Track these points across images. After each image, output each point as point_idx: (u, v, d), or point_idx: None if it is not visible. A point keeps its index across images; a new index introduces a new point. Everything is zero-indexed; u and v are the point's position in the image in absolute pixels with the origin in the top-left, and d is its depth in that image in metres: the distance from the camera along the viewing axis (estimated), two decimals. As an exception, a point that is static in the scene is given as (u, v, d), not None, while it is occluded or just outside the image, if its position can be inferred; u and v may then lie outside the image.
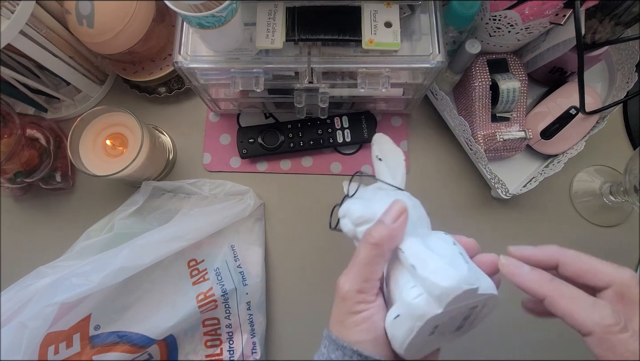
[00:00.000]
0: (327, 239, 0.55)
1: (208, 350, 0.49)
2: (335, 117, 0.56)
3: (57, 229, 0.56)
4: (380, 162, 0.37)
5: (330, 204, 0.59)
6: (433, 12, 0.43)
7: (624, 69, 0.56)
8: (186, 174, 0.58)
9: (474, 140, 0.52)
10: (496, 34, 0.48)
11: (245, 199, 0.53)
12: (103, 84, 0.60)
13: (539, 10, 0.43)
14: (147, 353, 0.45)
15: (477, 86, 0.52)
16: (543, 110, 0.55)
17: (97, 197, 0.57)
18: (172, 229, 0.47)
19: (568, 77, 0.56)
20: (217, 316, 0.49)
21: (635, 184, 0.47)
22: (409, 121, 0.59)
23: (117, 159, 0.49)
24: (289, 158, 0.58)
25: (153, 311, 0.46)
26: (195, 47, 0.43)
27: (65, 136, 0.56)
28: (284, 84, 0.48)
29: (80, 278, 0.41)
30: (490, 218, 0.56)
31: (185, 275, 0.49)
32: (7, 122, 0.49)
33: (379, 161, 0.37)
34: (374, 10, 0.43)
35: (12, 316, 0.40)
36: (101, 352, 0.43)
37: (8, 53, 0.50)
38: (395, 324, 0.27)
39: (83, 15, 0.47)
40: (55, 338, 0.41)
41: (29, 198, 0.57)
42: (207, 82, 0.48)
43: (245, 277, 0.50)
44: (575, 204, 0.56)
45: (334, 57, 0.43)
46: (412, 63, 0.43)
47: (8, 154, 0.48)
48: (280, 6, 0.43)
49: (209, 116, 0.59)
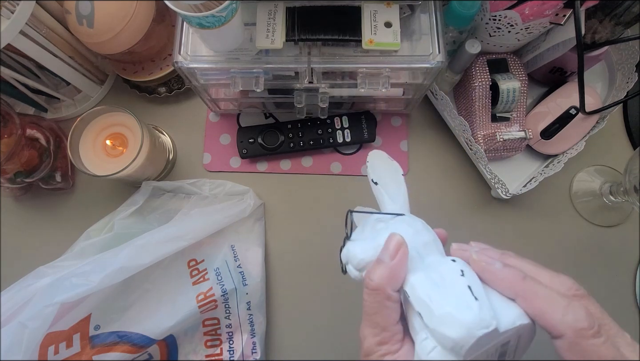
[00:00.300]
0: (327, 239, 0.55)
1: (208, 350, 0.49)
2: (335, 117, 0.56)
3: (57, 229, 0.56)
4: (376, 186, 0.33)
5: (331, 204, 0.59)
6: (433, 12, 0.43)
7: (624, 69, 0.56)
8: (186, 174, 0.58)
9: (474, 140, 0.52)
10: (496, 34, 0.48)
11: (245, 199, 0.53)
12: (103, 84, 0.60)
13: (539, 10, 0.43)
14: (147, 353, 0.45)
15: (477, 86, 0.52)
16: (543, 110, 0.55)
17: (97, 197, 0.57)
18: (172, 229, 0.47)
19: (568, 77, 0.56)
20: (217, 316, 0.49)
21: (635, 184, 0.47)
22: (409, 121, 0.59)
23: (117, 159, 0.49)
24: (289, 158, 0.58)
25: (153, 311, 0.46)
26: (195, 47, 0.43)
27: (65, 136, 0.56)
28: (284, 84, 0.48)
29: (80, 278, 0.41)
30: (490, 218, 0.56)
31: (185, 275, 0.49)
32: (7, 122, 0.49)
33: (375, 185, 0.33)
34: (374, 10, 0.43)
35: (12, 316, 0.40)
36: (101, 352, 0.43)
37: (8, 53, 0.50)
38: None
39: (83, 15, 0.47)
40: (55, 338, 0.41)
41: (29, 198, 0.57)
42: (207, 82, 0.48)
43: (245, 277, 0.50)
44: (575, 204, 0.56)
45: (334, 57, 0.43)
46: (412, 63, 0.43)
47: (8, 154, 0.48)
48: (280, 6, 0.43)
49: (209, 116, 0.59)
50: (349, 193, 0.56)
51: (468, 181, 0.57)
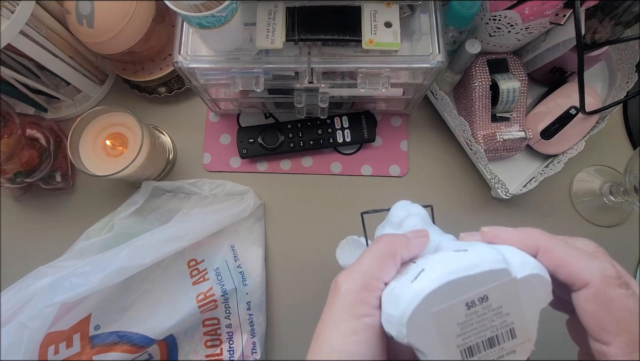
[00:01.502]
0: (327, 239, 0.55)
1: (208, 350, 0.49)
2: (335, 117, 0.56)
3: (57, 229, 0.56)
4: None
5: (331, 204, 0.59)
6: (433, 12, 0.43)
7: (624, 69, 0.56)
8: (186, 174, 0.58)
9: (474, 140, 0.52)
10: (496, 34, 0.48)
11: (245, 199, 0.53)
12: (103, 84, 0.60)
13: (539, 10, 0.43)
14: (147, 353, 0.45)
15: (477, 86, 0.52)
16: (543, 110, 0.55)
17: (97, 197, 0.57)
18: (172, 229, 0.47)
19: (568, 77, 0.56)
20: (217, 316, 0.49)
21: (635, 184, 0.47)
22: (409, 121, 0.59)
23: (117, 159, 0.49)
24: (289, 158, 0.58)
25: (153, 311, 0.46)
26: (195, 47, 0.43)
27: (65, 136, 0.56)
28: (284, 84, 0.48)
29: (80, 278, 0.41)
30: (490, 218, 0.56)
31: (185, 275, 0.49)
32: (7, 122, 0.49)
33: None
34: (374, 10, 0.43)
35: (12, 316, 0.40)
36: (101, 352, 0.43)
37: (8, 53, 0.50)
38: (390, 296, 0.23)
39: (83, 15, 0.47)
40: (55, 338, 0.41)
41: (29, 198, 0.57)
42: (207, 82, 0.48)
43: (245, 277, 0.50)
44: (575, 204, 0.56)
45: (334, 57, 0.43)
46: (412, 63, 0.43)
47: (8, 154, 0.47)
48: (280, 6, 0.43)
49: (209, 116, 0.59)
50: (349, 193, 0.56)
51: (468, 181, 0.57)
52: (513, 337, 0.21)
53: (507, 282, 0.21)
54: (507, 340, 0.21)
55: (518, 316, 0.21)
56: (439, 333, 0.21)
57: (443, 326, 0.21)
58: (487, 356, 0.21)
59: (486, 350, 0.21)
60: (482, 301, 0.21)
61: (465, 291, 0.21)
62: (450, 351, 0.21)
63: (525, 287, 0.21)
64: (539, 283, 0.21)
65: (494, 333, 0.21)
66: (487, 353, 0.21)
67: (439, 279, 0.21)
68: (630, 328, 0.18)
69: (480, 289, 0.21)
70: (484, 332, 0.21)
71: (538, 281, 0.21)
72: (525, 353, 0.21)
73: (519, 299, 0.21)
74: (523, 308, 0.21)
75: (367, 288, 0.23)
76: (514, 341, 0.21)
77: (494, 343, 0.21)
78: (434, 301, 0.21)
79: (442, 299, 0.21)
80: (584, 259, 0.20)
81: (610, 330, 0.19)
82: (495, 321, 0.21)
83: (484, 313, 0.21)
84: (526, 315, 0.21)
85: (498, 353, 0.21)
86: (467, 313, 0.21)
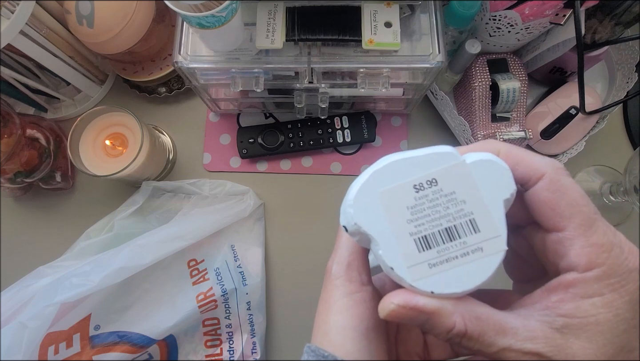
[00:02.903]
0: (327, 239, 0.55)
1: (208, 350, 0.49)
2: (335, 117, 0.56)
3: (57, 229, 0.56)
4: None
5: (331, 204, 0.59)
6: (433, 12, 0.43)
7: (624, 69, 0.56)
8: (186, 174, 0.58)
9: (474, 140, 0.52)
10: (496, 34, 0.48)
11: (245, 199, 0.53)
12: (103, 84, 0.60)
13: (539, 10, 0.43)
14: (147, 353, 0.45)
15: (477, 86, 0.52)
16: (543, 110, 0.55)
17: (97, 197, 0.57)
18: (172, 229, 0.47)
19: (568, 77, 0.56)
20: (217, 316, 0.49)
21: (635, 184, 0.47)
22: (409, 121, 0.59)
23: (117, 159, 0.49)
24: (289, 158, 0.58)
25: (153, 311, 0.46)
26: (195, 47, 0.43)
27: (65, 136, 0.56)
28: (284, 84, 0.48)
29: (80, 278, 0.41)
30: (490, 218, 0.56)
31: (185, 275, 0.49)
32: (7, 122, 0.49)
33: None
34: (374, 10, 0.43)
35: (12, 316, 0.40)
36: (101, 352, 0.43)
37: (8, 53, 0.50)
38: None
39: (83, 15, 0.47)
40: (55, 338, 0.41)
41: (29, 198, 0.57)
42: (207, 82, 0.48)
43: (245, 277, 0.50)
44: (575, 204, 0.56)
45: (334, 57, 0.43)
46: (412, 63, 0.43)
47: (8, 154, 0.48)
48: (280, 6, 0.43)
49: (209, 116, 0.59)
50: (349, 193, 0.56)
51: (468, 181, 0.57)
52: (476, 231, 0.20)
53: (456, 165, 0.20)
54: (468, 234, 0.20)
55: (477, 206, 0.20)
56: (387, 215, 0.20)
57: (392, 208, 0.20)
58: (447, 250, 0.20)
59: (445, 243, 0.20)
60: (431, 185, 0.20)
61: (412, 173, 0.21)
62: (403, 238, 0.20)
63: (480, 173, 0.20)
64: (494, 168, 0.20)
65: (452, 223, 0.20)
66: (446, 246, 0.20)
67: (384, 161, 0.21)
68: (582, 208, 0.20)
69: (427, 171, 0.20)
70: (439, 220, 0.20)
71: (492, 167, 0.20)
72: (495, 252, 0.20)
73: (475, 187, 0.20)
74: (482, 198, 0.20)
75: (351, 266, 0.25)
76: (478, 235, 0.20)
77: (454, 235, 0.20)
78: (380, 182, 0.21)
79: (388, 180, 0.21)
80: (537, 156, 0.22)
81: (565, 213, 0.20)
82: (451, 209, 0.20)
83: (435, 199, 0.20)
84: (488, 206, 0.20)
85: (460, 248, 0.20)
86: (417, 196, 0.20)
